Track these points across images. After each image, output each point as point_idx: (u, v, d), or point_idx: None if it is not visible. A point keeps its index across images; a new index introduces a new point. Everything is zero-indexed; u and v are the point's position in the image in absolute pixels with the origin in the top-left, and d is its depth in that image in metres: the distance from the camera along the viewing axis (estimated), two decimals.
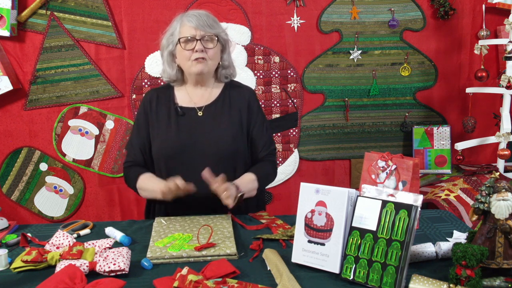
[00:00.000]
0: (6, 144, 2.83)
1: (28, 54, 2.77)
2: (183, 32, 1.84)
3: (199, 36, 1.82)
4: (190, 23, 1.83)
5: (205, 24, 1.83)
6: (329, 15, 2.88)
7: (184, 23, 1.85)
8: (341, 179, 3.03)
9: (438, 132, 2.90)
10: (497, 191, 1.23)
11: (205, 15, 1.86)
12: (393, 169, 1.47)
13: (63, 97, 2.82)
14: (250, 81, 2.85)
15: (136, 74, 2.83)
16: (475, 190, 2.55)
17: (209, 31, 1.83)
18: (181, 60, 1.87)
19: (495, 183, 1.25)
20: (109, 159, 2.87)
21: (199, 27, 1.82)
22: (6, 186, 2.87)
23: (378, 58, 2.94)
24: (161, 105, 1.93)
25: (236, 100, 1.94)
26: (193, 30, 1.82)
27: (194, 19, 1.83)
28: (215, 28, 1.86)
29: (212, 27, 1.85)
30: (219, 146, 1.85)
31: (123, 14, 2.79)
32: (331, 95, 2.95)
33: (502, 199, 1.22)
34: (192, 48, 1.82)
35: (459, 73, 2.98)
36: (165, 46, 1.92)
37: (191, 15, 1.85)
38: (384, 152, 1.51)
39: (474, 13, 2.91)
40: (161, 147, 1.87)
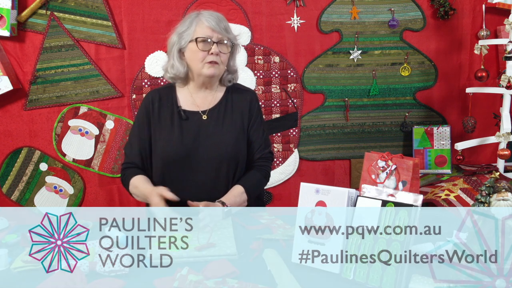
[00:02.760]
0: (6, 144, 2.83)
1: (28, 54, 2.77)
2: (200, 32, 1.80)
3: (216, 39, 1.79)
4: (209, 23, 1.79)
5: (223, 28, 1.81)
6: (329, 15, 2.88)
7: (202, 22, 1.80)
8: (341, 179, 3.03)
9: (438, 132, 2.90)
10: (497, 191, 1.23)
11: (223, 19, 1.84)
12: (393, 169, 1.47)
13: (63, 97, 2.82)
14: (250, 81, 2.85)
15: (136, 74, 2.83)
16: (475, 190, 2.55)
17: (225, 35, 1.81)
18: (193, 60, 1.83)
19: (495, 183, 1.25)
20: (109, 159, 2.87)
21: (218, 29, 1.79)
22: (6, 186, 2.87)
23: (378, 58, 2.94)
24: (164, 107, 1.91)
25: (239, 103, 1.93)
26: (210, 32, 1.79)
27: (213, 21, 1.79)
28: (230, 33, 1.85)
29: (228, 31, 1.83)
30: (221, 149, 1.85)
31: (123, 14, 2.78)
32: (331, 95, 2.95)
33: (502, 199, 1.22)
34: (207, 50, 1.80)
35: (459, 73, 2.98)
36: (176, 42, 1.86)
37: (209, 15, 1.81)
38: (384, 152, 1.51)
39: (474, 13, 2.91)
40: (164, 151, 1.86)
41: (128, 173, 1.90)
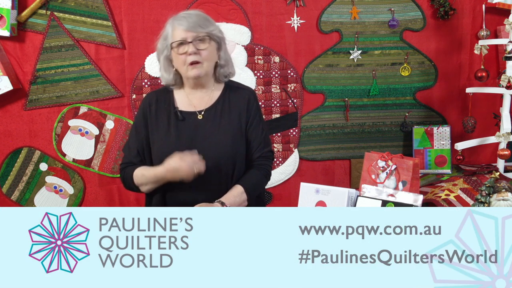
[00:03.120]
0: (6, 144, 2.83)
1: (28, 54, 2.77)
2: (175, 36, 1.81)
3: (191, 38, 1.79)
4: (181, 26, 1.79)
5: (196, 25, 1.79)
6: (329, 15, 2.88)
7: (175, 26, 1.81)
8: (341, 179, 3.03)
9: (438, 132, 2.90)
10: (497, 191, 1.23)
11: (196, 15, 1.83)
12: (393, 169, 1.47)
13: (63, 97, 2.82)
14: (250, 81, 2.85)
15: (136, 74, 2.83)
16: (475, 190, 2.54)
17: (200, 31, 1.80)
18: (178, 65, 1.85)
19: (495, 183, 1.25)
20: (109, 159, 2.87)
21: (190, 28, 1.78)
22: (6, 186, 2.87)
23: (378, 58, 2.94)
24: (161, 108, 1.91)
25: (236, 102, 1.92)
26: (184, 33, 1.79)
27: (184, 22, 1.79)
28: (207, 27, 1.82)
29: (204, 26, 1.81)
30: (219, 149, 1.85)
31: (123, 14, 2.79)
32: (331, 95, 2.95)
33: (502, 199, 1.22)
34: (185, 52, 1.80)
35: (459, 73, 2.98)
36: (160, 51, 1.89)
37: (181, 18, 1.82)
38: (384, 152, 1.51)
39: (474, 13, 2.91)
40: (161, 152, 1.86)
41: (128, 170, 1.90)
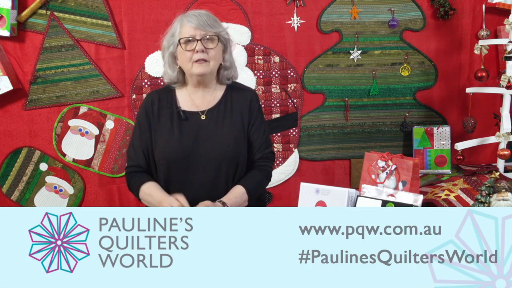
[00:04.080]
0: (6, 144, 2.83)
1: (28, 54, 2.77)
2: (183, 32, 1.83)
3: (200, 36, 1.81)
4: (190, 23, 1.82)
5: (206, 24, 1.82)
6: (329, 15, 2.88)
7: (184, 23, 1.84)
8: (341, 179, 3.03)
9: (438, 132, 2.90)
10: (497, 191, 1.23)
11: (206, 15, 1.85)
12: (393, 169, 1.47)
13: (63, 97, 2.82)
14: (250, 81, 2.85)
15: (136, 74, 2.83)
16: (475, 190, 2.54)
17: (209, 30, 1.82)
18: (182, 61, 1.86)
19: (495, 183, 1.25)
20: (109, 159, 2.87)
21: (199, 26, 1.81)
22: (6, 186, 2.87)
23: (378, 58, 2.94)
24: (163, 108, 1.91)
25: (239, 102, 1.93)
26: (193, 30, 1.81)
27: (194, 19, 1.82)
28: (216, 27, 1.85)
29: (213, 26, 1.84)
30: (221, 149, 1.85)
31: (123, 14, 2.79)
32: (331, 95, 2.95)
33: (502, 199, 1.22)
34: (192, 49, 1.81)
35: (459, 73, 2.98)
36: (166, 48, 1.90)
37: (191, 15, 1.85)
38: (384, 152, 1.51)
39: (474, 13, 2.91)
40: (164, 152, 1.86)
41: (136, 178, 1.89)
